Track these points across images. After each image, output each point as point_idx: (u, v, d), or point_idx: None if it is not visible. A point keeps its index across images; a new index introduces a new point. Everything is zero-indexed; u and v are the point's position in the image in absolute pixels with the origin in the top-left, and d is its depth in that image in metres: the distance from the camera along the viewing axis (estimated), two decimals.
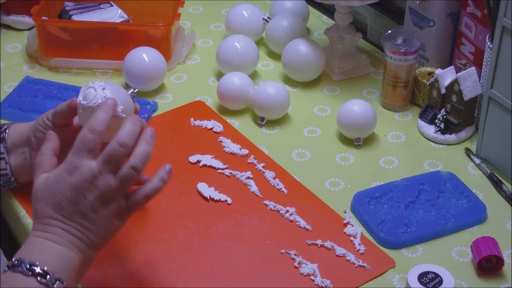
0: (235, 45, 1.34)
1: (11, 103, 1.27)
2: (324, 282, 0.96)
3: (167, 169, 0.91)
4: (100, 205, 0.87)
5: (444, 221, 1.04)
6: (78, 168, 0.87)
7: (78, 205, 0.87)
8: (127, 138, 0.89)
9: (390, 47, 1.24)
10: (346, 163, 1.18)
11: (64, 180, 0.87)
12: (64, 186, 0.87)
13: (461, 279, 0.97)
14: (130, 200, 0.89)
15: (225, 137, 1.22)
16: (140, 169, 0.89)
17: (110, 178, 0.87)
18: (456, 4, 1.27)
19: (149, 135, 0.91)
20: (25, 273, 0.82)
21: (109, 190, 0.87)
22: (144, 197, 0.90)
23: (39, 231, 0.87)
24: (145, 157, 0.89)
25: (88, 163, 0.87)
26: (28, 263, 0.83)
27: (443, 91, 1.19)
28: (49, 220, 0.87)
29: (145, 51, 1.31)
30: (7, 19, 1.50)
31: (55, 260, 0.84)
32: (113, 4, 1.48)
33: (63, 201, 0.87)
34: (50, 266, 0.83)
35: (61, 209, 0.87)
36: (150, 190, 0.89)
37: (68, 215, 0.87)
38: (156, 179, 0.90)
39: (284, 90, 1.25)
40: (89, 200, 0.87)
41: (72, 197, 0.87)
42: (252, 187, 1.12)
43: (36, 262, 0.83)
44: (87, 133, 0.88)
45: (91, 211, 0.87)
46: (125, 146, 0.88)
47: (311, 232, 1.04)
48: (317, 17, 1.56)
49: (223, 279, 0.97)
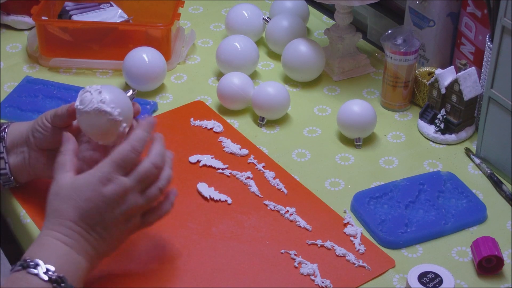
0: (235, 45, 1.34)
1: (11, 103, 1.27)
2: (324, 282, 0.96)
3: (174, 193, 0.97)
4: (123, 221, 0.90)
5: (444, 221, 1.04)
6: (112, 181, 0.89)
7: (104, 216, 0.89)
8: (160, 160, 0.93)
9: (390, 47, 1.24)
10: (346, 163, 1.18)
11: (97, 189, 0.88)
12: (95, 194, 0.88)
13: (461, 279, 0.97)
14: (145, 219, 0.94)
15: (225, 137, 1.22)
16: (164, 192, 0.94)
17: (138, 196, 0.91)
18: (456, 4, 1.27)
19: (170, 158, 0.96)
20: (41, 278, 0.83)
21: (135, 208, 0.91)
22: (157, 218, 0.95)
23: (58, 233, 0.88)
24: (169, 180, 0.94)
25: (123, 178, 0.89)
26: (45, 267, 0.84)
27: (443, 91, 1.19)
28: (72, 224, 0.88)
29: (145, 51, 1.31)
30: (7, 19, 1.50)
31: (71, 268, 0.86)
32: (113, 4, 1.48)
33: (92, 209, 0.88)
34: (67, 274, 0.85)
35: (87, 217, 0.88)
36: (164, 213, 0.95)
37: (93, 225, 0.88)
38: (168, 203, 0.95)
39: (284, 90, 1.25)
40: (116, 213, 0.89)
41: (102, 207, 0.88)
42: (252, 187, 1.12)
43: (53, 267, 0.84)
44: (130, 152, 0.90)
45: (114, 224, 0.90)
46: (158, 168, 0.92)
47: (311, 232, 1.04)
48: (317, 17, 1.56)
49: (223, 279, 0.97)
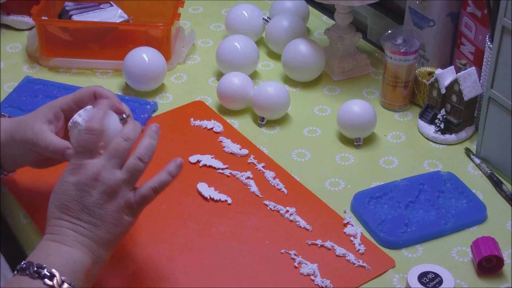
0: (235, 45, 1.34)
1: (11, 103, 1.27)
2: (324, 282, 0.96)
3: (178, 163, 0.91)
4: (107, 200, 0.87)
5: (444, 221, 1.04)
6: (80, 168, 0.88)
7: (83, 202, 0.87)
8: (130, 133, 0.90)
9: (390, 47, 1.24)
10: (346, 163, 1.18)
11: (68, 181, 0.87)
12: (67, 186, 0.87)
13: (461, 279, 0.97)
14: (137, 194, 0.89)
15: (225, 137, 1.22)
16: (146, 160, 0.89)
17: (116, 172, 0.88)
18: (456, 4, 1.27)
19: (154, 130, 0.92)
20: (32, 276, 0.82)
21: (115, 184, 0.88)
22: (152, 190, 0.90)
23: (48, 234, 0.87)
24: (150, 150, 0.90)
25: (90, 161, 0.88)
26: (35, 266, 0.83)
27: (443, 91, 1.19)
28: (56, 221, 0.87)
29: (145, 51, 1.31)
30: (7, 19, 1.50)
31: (62, 261, 0.84)
32: (113, 4, 1.48)
33: (68, 201, 0.87)
34: (58, 268, 0.83)
35: (67, 209, 0.87)
36: (158, 183, 0.90)
37: (75, 214, 0.87)
38: (163, 172, 0.91)
39: (284, 90, 1.25)
40: (95, 196, 0.87)
41: (77, 195, 0.87)
42: (252, 187, 1.12)
43: (43, 264, 0.83)
44: (85, 135, 0.89)
45: (98, 207, 0.87)
46: (129, 140, 0.89)
47: (311, 232, 1.04)
48: (317, 17, 1.56)
49: (223, 279, 0.97)
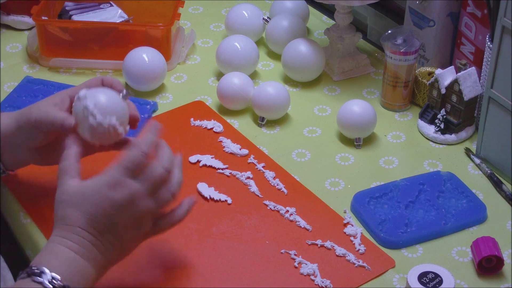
0: (235, 45, 1.34)
1: (11, 103, 1.27)
2: (324, 282, 0.96)
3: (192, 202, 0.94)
4: (134, 226, 0.88)
5: (444, 221, 1.04)
6: (121, 186, 0.86)
7: (113, 221, 0.86)
8: (170, 164, 0.91)
9: (390, 47, 1.24)
10: (346, 163, 1.18)
11: (105, 193, 0.86)
12: (104, 199, 0.86)
13: (461, 279, 0.97)
14: (157, 225, 0.91)
15: (225, 137, 1.22)
16: (176, 196, 0.92)
17: (149, 200, 0.89)
18: (456, 4, 1.27)
19: (180, 161, 0.94)
20: (46, 286, 0.81)
21: (146, 212, 0.88)
22: (170, 226, 0.93)
23: (67, 240, 0.85)
24: (181, 185, 0.92)
25: (132, 182, 0.87)
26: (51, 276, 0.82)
27: (443, 91, 1.19)
28: (81, 231, 0.86)
29: (145, 51, 1.31)
30: (7, 19, 1.50)
31: (76, 276, 0.84)
32: (113, 4, 1.48)
33: (100, 214, 0.86)
34: (71, 282, 0.83)
35: (96, 223, 0.86)
36: (177, 220, 0.93)
37: (101, 230, 0.86)
38: (183, 210, 0.93)
39: (284, 90, 1.25)
40: (126, 218, 0.87)
41: (110, 213, 0.86)
42: (252, 187, 1.12)
43: (58, 276, 0.82)
44: (139, 155, 0.88)
45: (124, 230, 0.87)
46: (169, 171, 0.91)
47: (311, 232, 1.04)
48: (317, 17, 1.56)
49: (223, 279, 0.97)
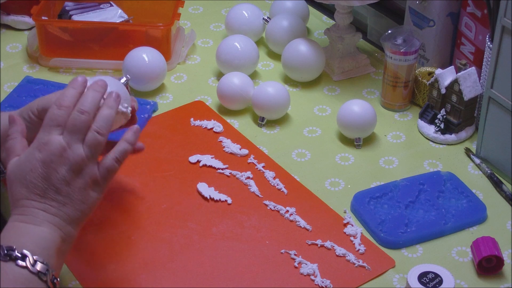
0: (235, 45, 1.34)
1: (11, 103, 1.27)
2: (324, 282, 0.96)
3: (134, 130, 0.92)
4: (73, 177, 0.87)
5: (444, 221, 1.04)
6: (47, 144, 0.87)
7: (50, 180, 0.86)
8: (86, 105, 0.89)
9: (390, 47, 1.24)
10: (346, 163, 1.18)
11: (34, 157, 0.86)
12: (35, 163, 0.86)
13: (461, 279, 0.97)
14: (101, 167, 0.89)
15: (225, 137, 1.22)
16: (104, 132, 0.89)
17: (79, 147, 0.87)
18: (456, 4, 1.27)
19: (113, 98, 0.91)
20: (3, 259, 0.81)
21: (80, 160, 0.87)
22: (114, 161, 0.90)
23: (16, 215, 0.86)
24: (107, 121, 0.89)
25: (56, 137, 0.87)
26: (5, 248, 0.82)
27: (443, 91, 1.19)
28: (23, 201, 0.86)
29: (145, 51, 1.31)
30: (7, 19, 1.50)
31: (33, 241, 0.84)
32: (113, 4, 1.48)
33: (35, 179, 0.86)
34: (29, 248, 0.82)
35: (34, 187, 0.86)
36: (118, 153, 0.90)
37: (42, 192, 0.86)
38: (122, 141, 0.91)
39: (284, 90, 1.25)
40: (61, 173, 0.86)
41: (44, 172, 0.86)
42: (252, 187, 1.12)
43: (13, 246, 0.82)
44: (55, 109, 0.88)
45: (65, 184, 0.87)
46: (85, 113, 0.88)
47: (311, 232, 1.04)
48: (317, 17, 1.56)
49: (223, 279, 0.97)
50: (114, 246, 1.01)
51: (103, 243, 1.01)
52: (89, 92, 0.90)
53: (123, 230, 1.04)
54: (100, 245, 1.01)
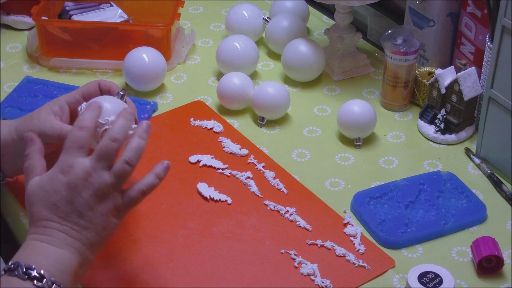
0: (235, 45, 1.34)
1: (11, 103, 1.27)
2: (324, 282, 0.96)
3: (165, 165, 0.91)
4: (96, 203, 0.87)
5: (444, 221, 1.04)
6: (71, 167, 0.86)
7: (74, 204, 0.86)
8: (118, 133, 0.88)
9: (390, 47, 1.24)
10: (346, 163, 1.18)
11: (58, 179, 0.86)
12: (58, 185, 0.86)
13: (461, 279, 0.97)
14: (125, 196, 0.89)
15: (225, 137, 1.22)
16: (133, 163, 0.88)
17: (105, 174, 0.87)
18: (456, 4, 1.27)
19: (144, 128, 0.90)
20: (21, 277, 0.81)
21: (104, 187, 0.87)
22: (140, 193, 0.89)
23: (35, 234, 0.86)
24: (138, 152, 0.89)
25: (81, 160, 0.86)
26: (24, 266, 0.82)
27: (443, 91, 1.19)
28: (45, 222, 0.86)
29: (145, 51, 1.31)
30: (7, 19, 1.50)
31: (51, 262, 0.84)
32: (113, 4, 1.48)
33: (58, 201, 0.86)
34: (47, 269, 0.82)
35: (57, 210, 0.86)
36: (146, 186, 0.89)
37: (64, 215, 0.86)
38: (151, 175, 0.90)
39: (284, 90, 1.25)
40: (85, 198, 0.86)
41: (67, 195, 0.86)
42: (252, 187, 1.12)
43: (32, 265, 0.82)
44: (76, 131, 0.88)
45: (88, 209, 0.86)
46: (116, 141, 0.88)
47: (311, 232, 1.04)
48: (317, 17, 1.56)
49: (223, 279, 0.97)
50: (114, 246, 1.01)
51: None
52: (121, 119, 0.90)
53: (123, 230, 1.04)
54: None
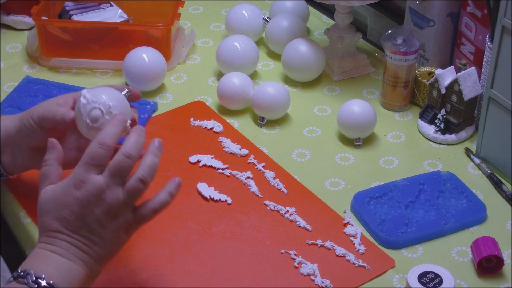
0: (235, 45, 1.34)
1: (11, 103, 1.27)
2: (324, 282, 0.96)
3: (176, 182, 0.90)
4: (108, 219, 0.86)
5: (444, 221, 1.04)
6: (85, 182, 0.85)
7: (85, 219, 0.86)
8: (133, 149, 0.87)
9: (390, 47, 1.24)
10: (346, 163, 1.18)
11: (71, 194, 0.85)
12: (70, 200, 0.85)
13: (461, 279, 0.97)
14: (137, 214, 0.88)
15: (225, 137, 1.22)
16: (147, 181, 0.87)
17: (118, 191, 0.86)
18: (456, 4, 1.27)
19: (156, 146, 0.89)
20: (31, 286, 0.81)
21: (117, 204, 0.86)
22: (152, 211, 0.89)
23: (44, 243, 0.86)
24: (152, 169, 0.88)
25: (95, 177, 0.86)
26: (34, 275, 0.82)
27: (443, 91, 1.19)
28: (54, 233, 0.86)
29: (145, 51, 1.31)
30: (7, 19, 1.50)
31: (60, 273, 0.84)
32: (113, 4, 1.48)
33: (69, 215, 0.85)
34: (55, 279, 0.82)
35: (67, 223, 0.85)
36: (158, 204, 0.89)
37: (75, 229, 0.86)
38: (164, 193, 0.89)
39: (284, 90, 1.25)
40: (97, 214, 0.86)
41: (79, 211, 0.85)
42: (252, 187, 1.12)
43: (42, 275, 0.82)
44: (98, 148, 0.86)
45: (99, 225, 0.86)
46: (131, 157, 0.87)
47: (311, 232, 1.04)
48: (317, 17, 1.56)
49: (223, 279, 0.97)
50: None
51: None
52: (134, 136, 0.89)
53: None
54: None
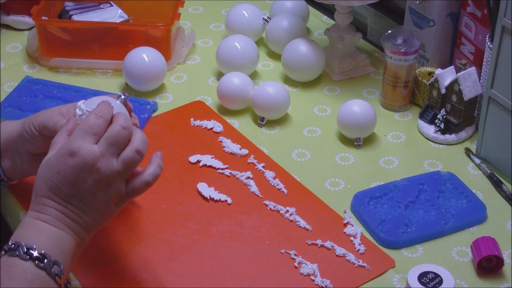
0: (235, 45, 1.34)
1: (11, 103, 1.27)
2: (324, 282, 0.96)
3: (159, 156, 0.92)
4: (100, 189, 0.87)
5: (444, 221, 1.04)
6: (80, 150, 0.86)
7: (76, 187, 0.86)
8: (128, 124, 0.89)
9: (390, 47, 1.24)
10: (346, 163, 1.18)
11: (65, 161, 0.86)
12: (64, 167, 0.86)
13: (461, 279, 0.97)
14: (130, 186, 0.89)
15: (225, 137, 1.22)
16: (143, 154, 0.89)
17: (113, 161, 0.87)
18: (456, 4, 1.27)
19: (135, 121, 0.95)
20: (23, 257, 0.81)
21: (111, 174, 0.87)
22: (145, 184, 0.90)
23: (34, 211, 0.86)
24: (145, 144, 0.90)
25: (91, 145, 0.86)
26: (25, 246, 0.82)
27: (443, 91, 1.19)
28: (45, 200, 0.86)
29: (145, 51, 1.31)
30: (7, 19, 1.50)
31: (51, 242, 0.84)
32: (113, 4, 1.48)
33: (61, 183, 0.86)
34: (47, 249, 0.82)
35: (58, 191, 0.86)
36: (151, 176, 0.90)
37: (65, 197, 0.86)
38: (154, 165, 0.91)
39: (284, 90, 1.25)
40: (89, 183, 0.86)
41: (72, 179, 0.86)
42: (252, 187, 1.12)
43: (33, 245, 0.82)
44: (95, 118, 0.88)
45: (90, 194, 0.86)
46: (127, 129, 0.89)
47: (311, 232, 1.04)
48: (317, 17, 1.56)
49: (223, 279, 0.97)
50: (114, 246, 1.01)
51: (103, 243, 1.01)
52: (121, 113, 0.91)
53: (123, 230, 1.04)
54: (100, 245, 1.01)
